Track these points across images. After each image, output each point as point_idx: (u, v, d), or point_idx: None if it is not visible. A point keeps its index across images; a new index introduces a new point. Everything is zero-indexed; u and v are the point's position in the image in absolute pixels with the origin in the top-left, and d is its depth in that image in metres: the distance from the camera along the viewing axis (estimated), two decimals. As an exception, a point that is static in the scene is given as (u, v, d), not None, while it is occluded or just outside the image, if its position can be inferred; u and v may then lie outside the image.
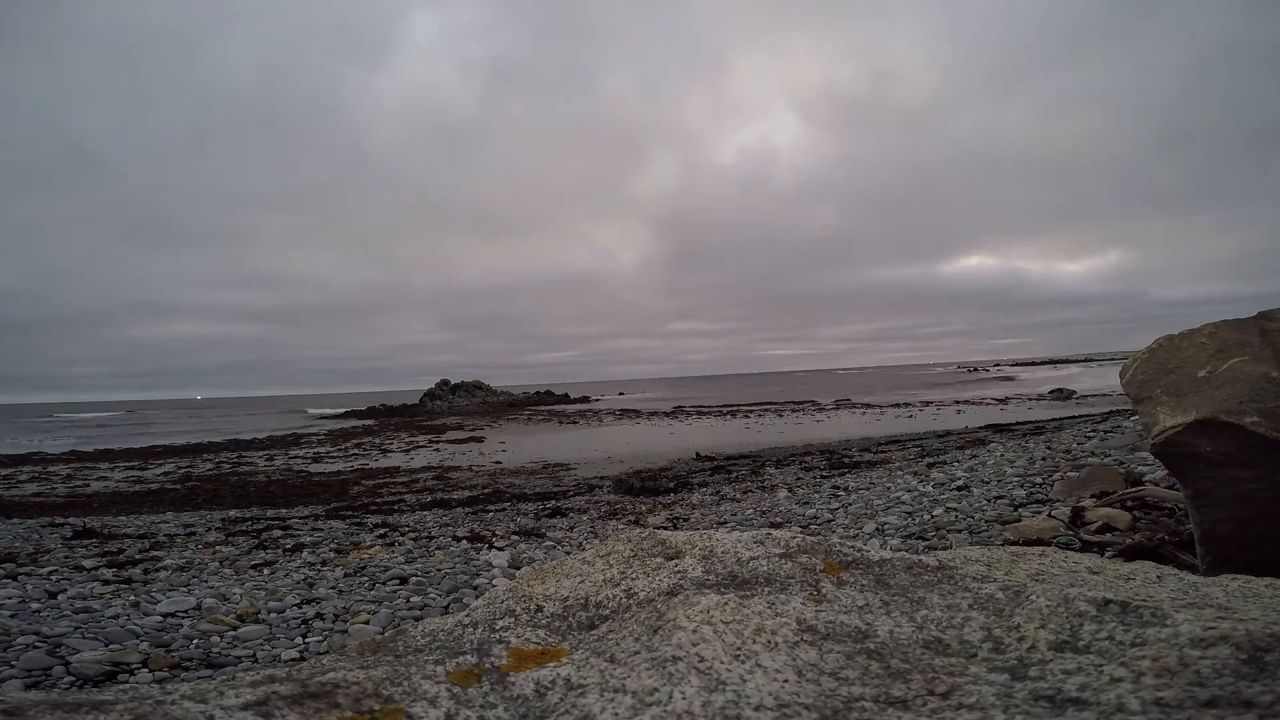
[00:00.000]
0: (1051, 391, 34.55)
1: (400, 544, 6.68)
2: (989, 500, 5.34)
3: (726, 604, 1.08)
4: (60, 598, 4.50)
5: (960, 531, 4.53)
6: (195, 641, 3.56)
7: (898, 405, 32.94)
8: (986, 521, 4.65)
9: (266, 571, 5.52)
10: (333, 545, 6.78)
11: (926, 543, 4.46)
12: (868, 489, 7.54)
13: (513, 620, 1.24)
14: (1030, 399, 31.84)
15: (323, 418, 49.06)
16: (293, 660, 3.35)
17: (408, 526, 8.22)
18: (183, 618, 4.01)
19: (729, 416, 32.27)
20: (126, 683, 3.04)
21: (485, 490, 12.77)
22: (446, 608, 4.26)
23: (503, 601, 1.33)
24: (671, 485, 11.43)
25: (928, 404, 32.63)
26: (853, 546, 1.42)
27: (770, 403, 41.53)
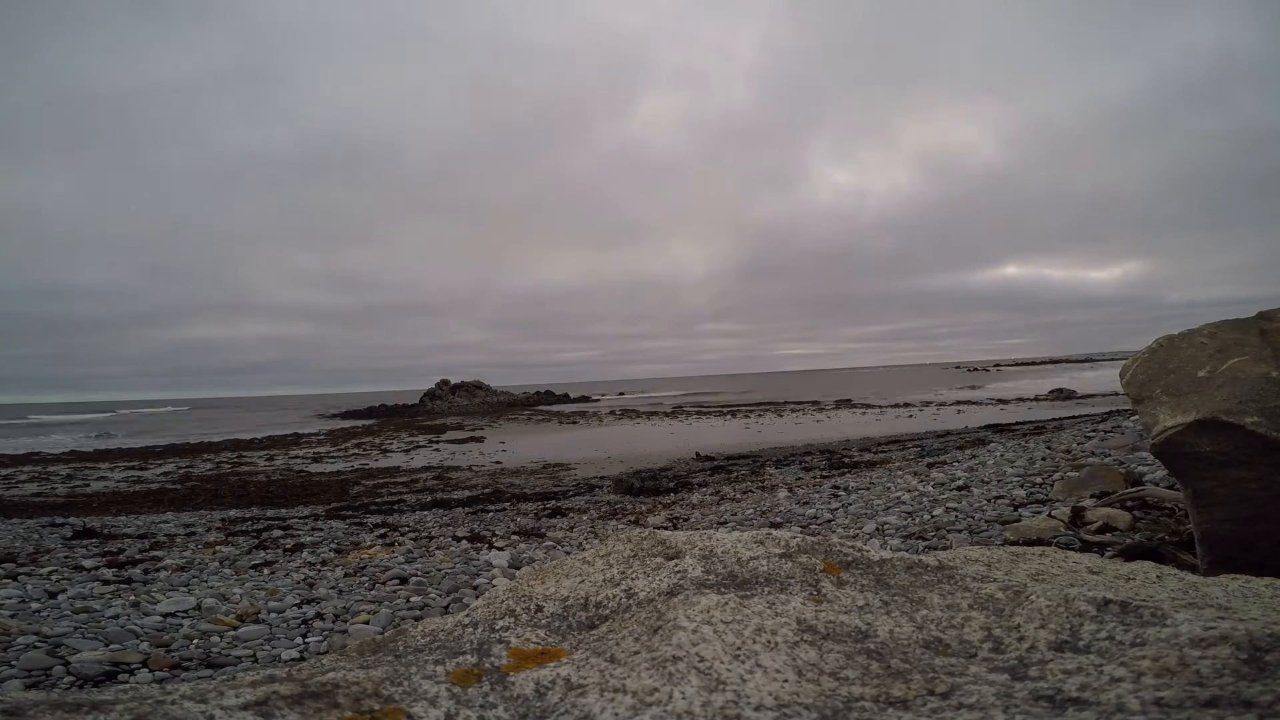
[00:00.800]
0: (1051, 391, 34.54)
1: (400, 544, 6.68)
2: (989, 500, 5.34)
3: (726, 604, 1.08)
4: (60, 598, 4.49)
5: (960, 531, 4.53)
6: (195, 641, 3.56)
7: (898, 405, 32.94)
8: (986, 521, 4.65)
9: (266, 571, 5.52)
10: (333, 545, 6.79)
11: (926, 543, 4.46)
12: (868, 489, 7.54)
13: (513, 620, 1.24)
14: (1030, 399, 31.84)
15: (320, 417, 49.04)
16: (293, 660, 3.35)
17: (408, 526, 8.22)
18: (183, 618, 4.01)
19: (729, 416, 32.27)
20: (126, 683, 3.03)
21: (485, 490, 12.78)
22: (446, 608, 4.26)
23: (503, 601, 1.33)
24: (671, 485, 11.43)
25: (928, 404, 32.63)
26: (853, 546, 1.42)
27: (771, 402, 41.54)
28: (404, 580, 4.93)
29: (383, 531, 7.81)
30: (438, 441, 25.33)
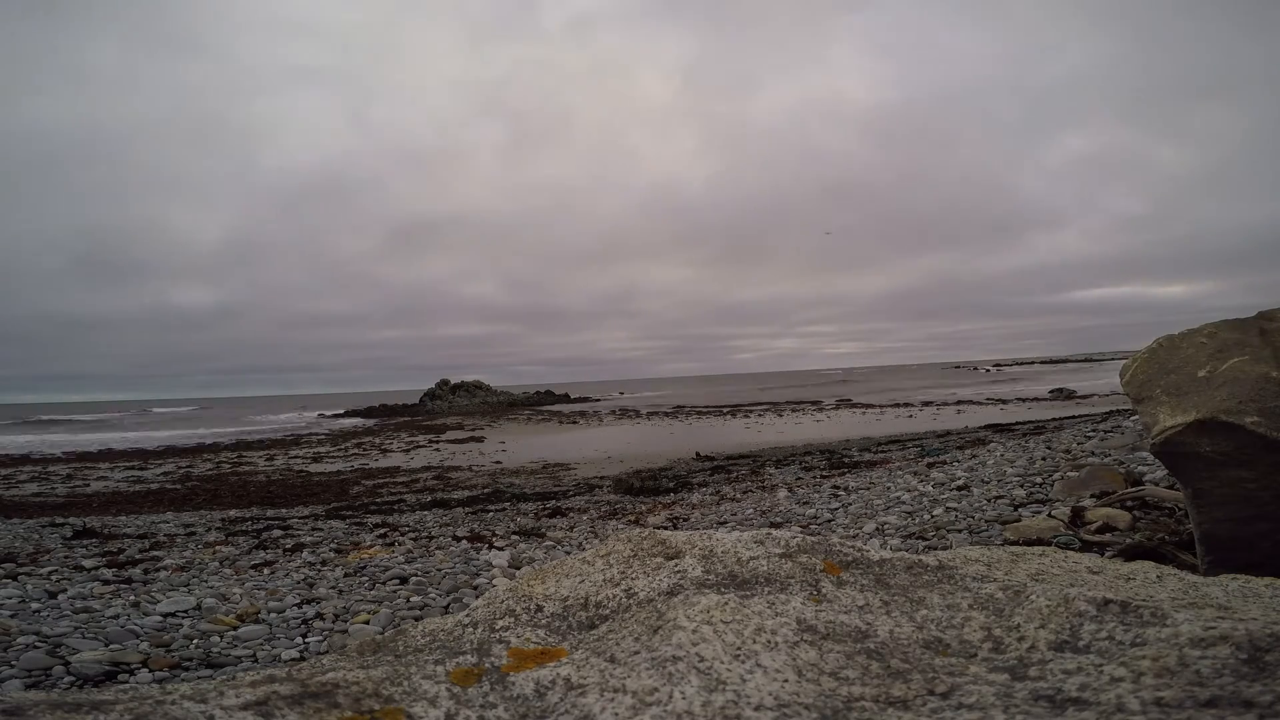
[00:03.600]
0: (1052, 391, 34.54)
1: (400, 544, 6.68)
2: (989, 500, 5.34)
3: (726, 604, 1.08)
4: (60, 598, 4.49)
5: (960, 531, 4.53)
6: (195, 641, 3.56)
7: (898, 405, 32.94)
8: (986, 521, 4.65)
9: (266, 571, 5.52)
10: (333, 545, 6.78)
11: (926, 543, 4.45)
12: (868, 489, 7.54)
13: (513, 620, 1.24)
14: (1030, 399, 31.83)
15: (320, 417, 49.15)
16: (293, 660, 3.35)
17: (408, 526, 8.23)
18: (183, 618, 4.01)
19: (729, 416, 32.27)
20: (126, 683, 3.04)
21: (485, 490, 12.77)
22: (446, 608, 4.26)
23: (503, 601, 1.33)
24: (671, 485, 11.43)
25: (928, 404, 32.63)
26: (853, 546, 1.42)
27: (771, 402, 41.55)
28: (404, 580, 4.93)
29: (383, 531, 7.81)
30: (438, 441, 25.33)
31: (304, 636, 3.72)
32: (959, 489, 6.09)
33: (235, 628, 3.81)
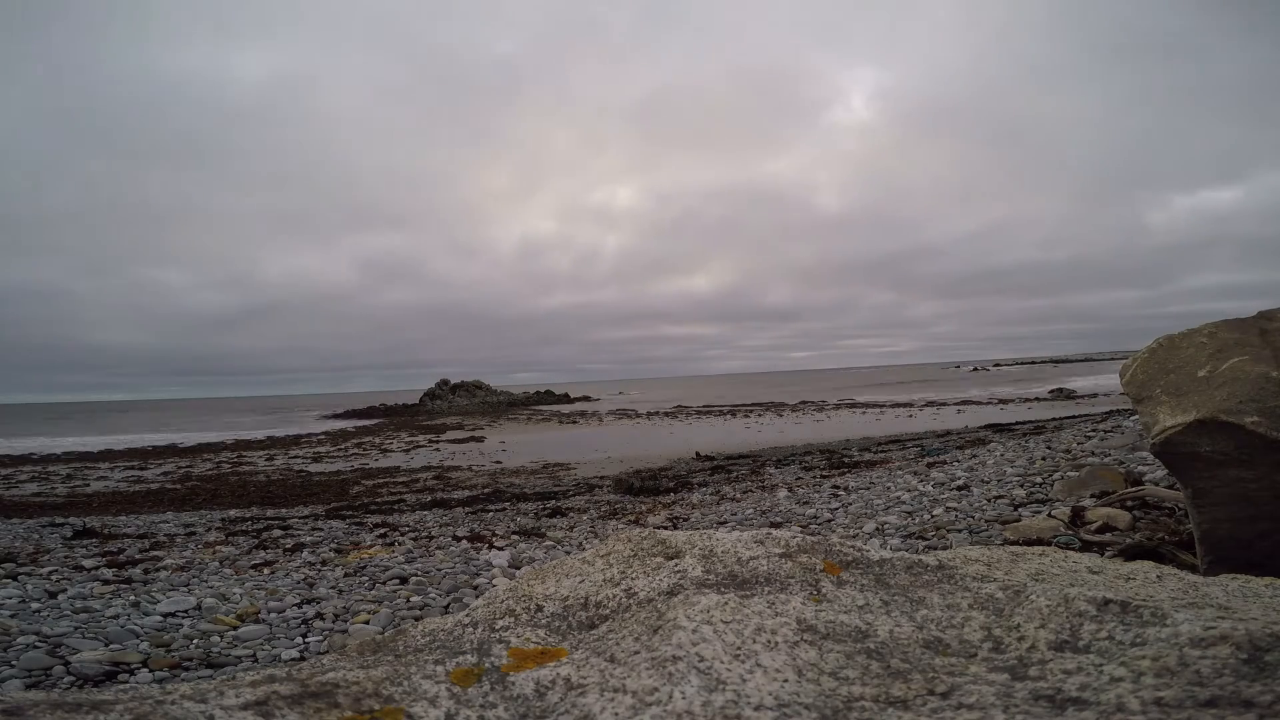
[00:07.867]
0: (1052, 391, 34.55)
1: (400, 544, 6.68)
2: (989, 500, 5.34)
3: (726, 604, 1.08)
4: (60, 598, 4.49)
5: (960, 531, 4.53)
6: (195, 641, 3.56)
7: (898, 405, 32.94)
8: (986, 521, 4.65)
9: (266, 571, 5.52)
10: (333, 545, 6.79)
11: (926, 542, 4.45)
12: (868, 489, 7.54)
13: (513, 620, 1.24)
14: (1030, 399, 31.84)
15: (320, 417, 49.15)
16: (293, 660, 3.35)
17: (408, 526, 8.23)
18: (183, 617, 4.01)
19: (729, 416, 32.27)
20: (126, 683, 3.03)
21: (485, 490, 12.77)
22: (446, 608, 4.26)
23: (503, 601, 1.33)
24: (671, 485, 11.43)
25: (928, 404, 32.63)
26: (853, 546, 1.42)
27: (771, 402, 41.55)
28: (404, 580, 4.93)
29: (383, 531, 7.81)
30: (438, 441, 25.33)
31: (304, 636, 3.72)
32: (959, 489, 6.10)
33: (235, 628, 3.81)
